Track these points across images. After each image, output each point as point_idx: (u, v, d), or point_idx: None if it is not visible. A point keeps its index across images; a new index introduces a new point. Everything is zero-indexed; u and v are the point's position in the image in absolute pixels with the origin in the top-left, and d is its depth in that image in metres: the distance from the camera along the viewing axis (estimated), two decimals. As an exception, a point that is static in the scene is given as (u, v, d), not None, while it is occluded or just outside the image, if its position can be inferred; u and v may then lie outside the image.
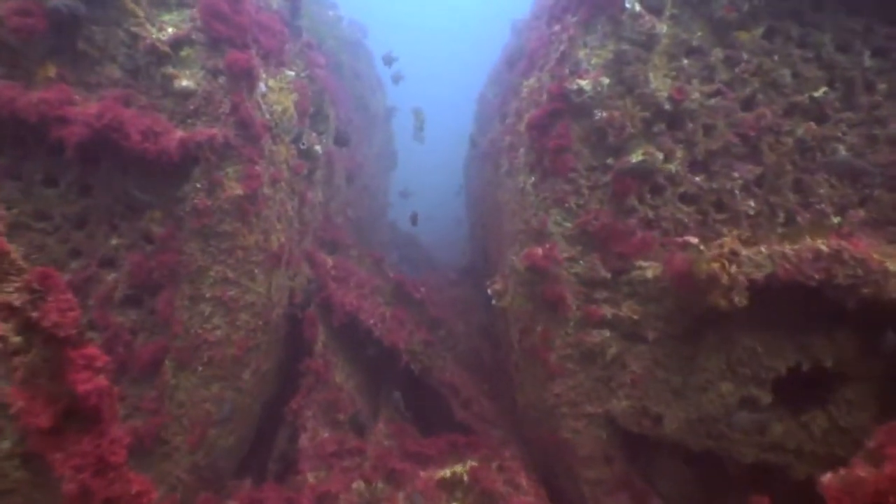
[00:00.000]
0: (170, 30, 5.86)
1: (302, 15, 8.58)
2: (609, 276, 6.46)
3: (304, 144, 7.93)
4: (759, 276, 5.41)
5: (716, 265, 5.54)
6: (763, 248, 5.47)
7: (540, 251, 6.58)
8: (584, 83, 6.29)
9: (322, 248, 8.71)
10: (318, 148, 8.14)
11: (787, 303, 5.70)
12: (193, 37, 6.01)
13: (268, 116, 6.70)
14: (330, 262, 8.46)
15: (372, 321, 8.07)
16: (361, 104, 14.86)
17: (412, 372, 8.15)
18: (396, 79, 14.98)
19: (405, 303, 8.99)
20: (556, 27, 7.52)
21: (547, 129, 6.68)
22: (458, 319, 10.41)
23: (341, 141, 8.31)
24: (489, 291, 7.61)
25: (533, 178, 6.82)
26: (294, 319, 7.78)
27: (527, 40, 10.97)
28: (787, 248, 5.38)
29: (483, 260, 11.79)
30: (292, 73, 7.52)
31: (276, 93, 6.96)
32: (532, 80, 7.63)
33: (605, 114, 6.30)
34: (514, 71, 10.06)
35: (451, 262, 19.43)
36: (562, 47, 7.03)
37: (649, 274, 6.28)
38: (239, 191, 6.22)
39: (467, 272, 13.52)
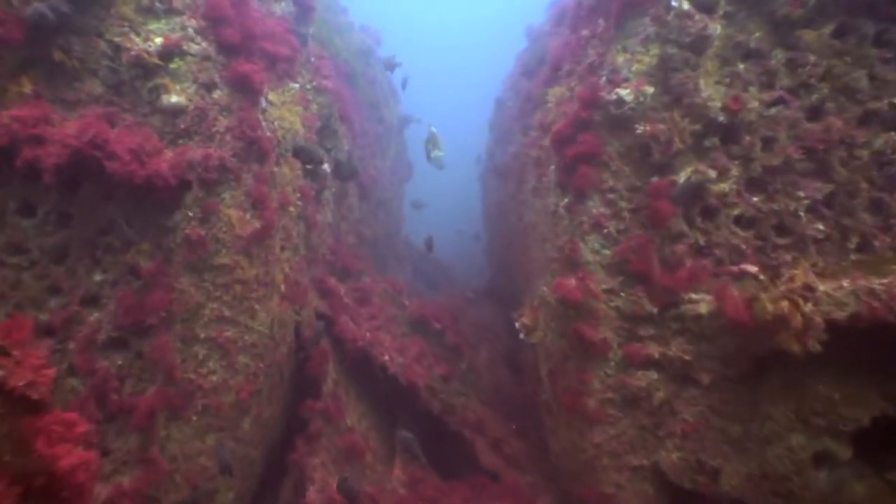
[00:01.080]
0: (157, 40, 5.24)
1: (308, 21, 7.96)
2: (655, 310, 5.76)
3: (310, 163, 7.29)
4: (840, 315, 4.67)
5: (785, 304, 4.81)
6: (845, 283, 4.71)
7: (573, 282, 5.88)
8: (625, 93, 5.60)
9: (332, 276, 8.05)
10: (326, 166, 7.49)
11: (871, 343, 4.95)
12: (185, 47, 5.39)
13: (269, 134, 6.05)
14: (340, 291, 7.80)
15: (387, 357, 7.39)
16: (375, 114, 14.23)
17: (431, 410, 7.44)
18: (404, 83, 14.21)
19: (423, 332, 8.30)
20: (585, 31, 6.85)
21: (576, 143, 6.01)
22: (479, 346, 9.72)
23: (346, 173, 7.48)
24: (517, 324, 6.91)
25: (566, 200, 6.12)
26: (301, 356, 7.11)
27: (547, 46, 10.31)
28: (876, 283, 4.61)
29: (507, 280, 11.09)
30: (296, 86, 6.89)
31: (278, 108, 6.33)
32: (559, 89, 6.95)
33: (648, 127, 5.61)
34: (535, 79, 9.38)
35: (468, 277, 18.78)
36: (594, 52, 6.36)
37: (702, 309, 5.56)
38: (237, 219, 5.56)
39: (488, 292, 12.82)
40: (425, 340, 8.20)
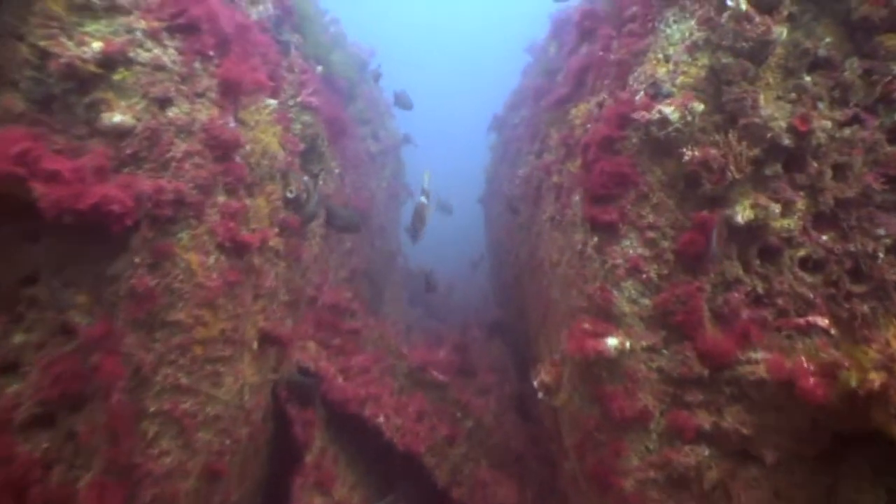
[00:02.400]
0: (96, 44, 4.29)
1: (293, 27, 7.06)
2: (705, 372, 4.80)
3: (291, 192, 6.36)
4: (958, 392, 3.72)
5: (881, 377, 3.87)
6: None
7: (606, 338, 4.94)
8: (670, 110, 4.68)
9: (318, 322, 7.08)
10: (310, 204, 6.56)
11: None
12: (132, 54, 4.45)
13: (240, 160, 5.12)
14: (328, 340, 6.84)
15: (382, 418, 6.42)
16: (371, 133, 13.35)
17: (435, 482, 6.46)
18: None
19: (424, 385, 7.33)
20: (611, 37, 5.97)
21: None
22: (487, 392, 8.74)
23: (341, 224, 6.43)
24: (535, 383, 5.94)
25: (596, 239, 5.18)
26: (281, 418, 6.14)
27: (554, 59, 9.43)
28: None
29: (516, 317, 10.12)
30: (274, 102, 5.96)
31: (251, 128, 5.40)
32: (587, 106, 6.03)
33: (697, 152, 4.67)
34: (549, 97, 8.49)
35: (468, 299, 17.80)
36: (626, 62, 5.46)
37: (764, 371, 4.60)
38: (198, 264, 4.61)
39: (493, 325, 11.83)
40: (426, 395, 7.22)
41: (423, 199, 6.53)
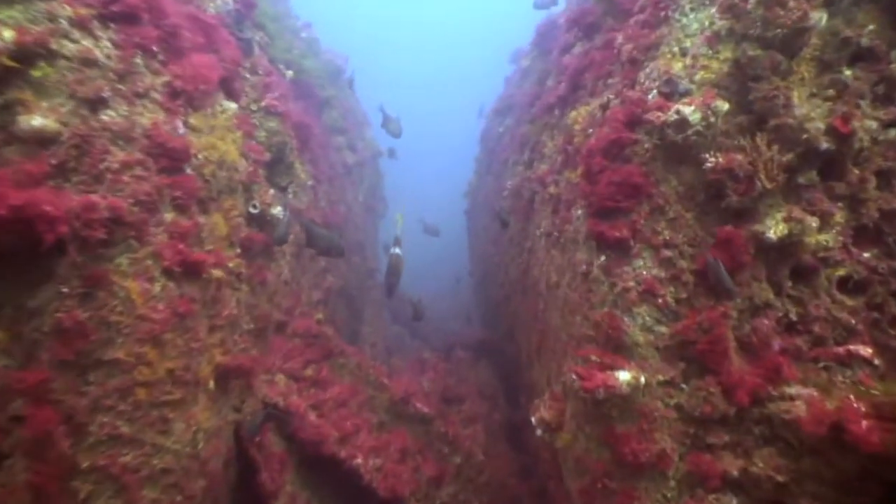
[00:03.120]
0: (7, 34, 3.60)
1: (255, 25, 6.41)
2: (732, 410, 4.19)
3: (255, 207, 5.69)
4: None
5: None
6: None
7: (617, 372, 4.32)
8: (689, 110, 4.09)
9: (289, 350, 6.38)
10: (277, 211, 5.89)
11: None
12: (55, 46, 3.77)
13: (190, 172, 4.45)
14: (299, 372, 6.15)
15: (359, 458, 5.74)
16: (347, 144, 12.68)
17: (420, 530, 5.78)
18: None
19: (407, 420, 6.66)
20: (618, 36, 5.39)
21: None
22: (475, 421, 8.09)
23: (324, 246, 5.63)
24: (533, 419, 5.29)
25: (603, 258, 4.56)
26: (246, 463, 5.44)
27: (549, 62, 8.86)
28: None
29: (505, 339, 9.48)
30: (234, 106, 5.30)
31: (205, 134, 4.73)
32: (587, 109, 5.44)
33: (721, 158, 4.09)
34: (541, 102, 7.90)
35: (452, 315, 17.12)
36: (636, 56, 4.88)
37: (800, 409, 4.01)
38: (139, 294, 3.93)
39: (481, 348, 11.16)
40: (410, 429, 6.56)
41: (396, 250, 5.85)
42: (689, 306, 4.29)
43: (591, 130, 5.13)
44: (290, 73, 8.55)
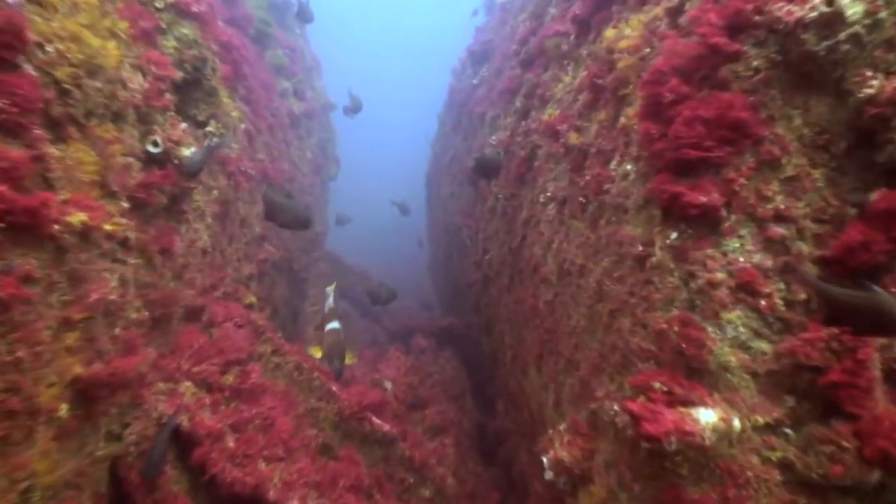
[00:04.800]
0: None
1: None
2: (874, 475, 2.79)
3: (155, 145, 4.04)
4: None
5: None
6: None
7: (691, 415, 2.88)
8: (846, 2, 2.61)
9: (202, 347, 4.72)
10: (189, 152, 4.24)
11: None
12: None
13: (32, 73, 2.78)
14: (211, 378, 4.54)
15: (295, 502, 4.18)
16: (294, 91, 10.93)
17: None
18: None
19: (360, 440, 5.13)
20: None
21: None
22: (445, 431, 6.63)
23: (288, 219, 4.31)
24: (544, 459, 3.81)
25: (675, 236, 3.07)
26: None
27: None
28: None
29: (484, 331, 7.98)
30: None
31: (58, 14, 3.04)
32: (640, 19, 3.91)
33: (886, 82, 2.62)
34: (541, 34, 6.35)
35: (409, 291, 15.58)
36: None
37: None
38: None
39: (445, 335, 9.67)
40: (364, 453, 5.04)
41: (334, 325, 4.46)
42: (807, 313, 2.85)
43: (648, 50, 3.60)
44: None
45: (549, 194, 5.01)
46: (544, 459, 3.79)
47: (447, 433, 6.68)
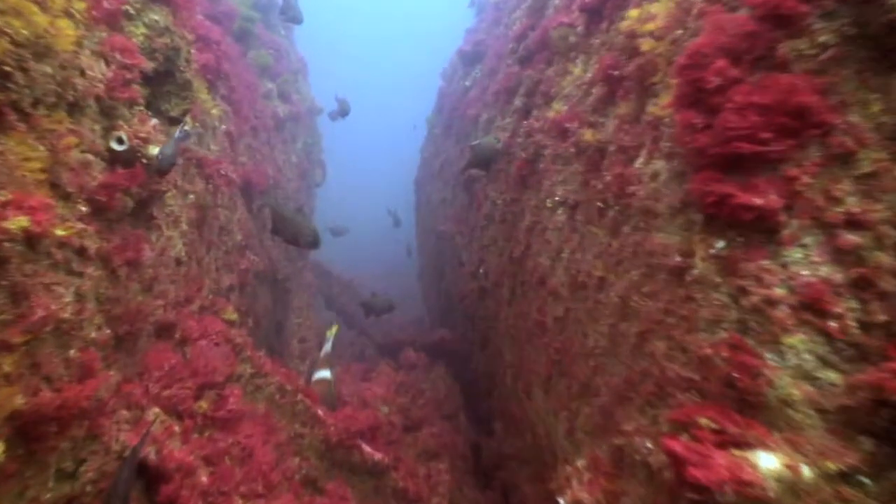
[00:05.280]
0: None
1: None
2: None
3: (120, 142, 3.55)
4: None
5: None
6: None
7: (748, 461, 2.43)
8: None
9: (173, 369, 4.21)
10: (157, 150, 3.74)
11: None
12: None
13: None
14: (184, 403, 4.03)
15: (277, 547, 3.69)
16: (278, 93, 10.44)
17: None
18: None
19: (348, 470, 4.63)
20: None
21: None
22: (439, 460, 6.14)
23: (295, 233, 4.17)
24: (561, 502, 3.33)
25: (722, 245, 2.63)
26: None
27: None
28: None
29: (480, 346, 7.50)
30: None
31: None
32: None
33: None
34: (544, 25, 5.92)
35: (399, 309, 15.09)
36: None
37: None
38: None
39: (436, 350, 9.18)
40: (354, 485, 4.54)
41: (325, 374, 4.17)
42: (889, 337, 2.40)
43: (681, 32, 3.15)
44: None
45: (557, 198, 4.56)
46: (561, 501, 3.32)
47: (441, 458, 6.19)
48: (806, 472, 2.36)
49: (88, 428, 3.41)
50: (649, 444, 2.81)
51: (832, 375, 2.44)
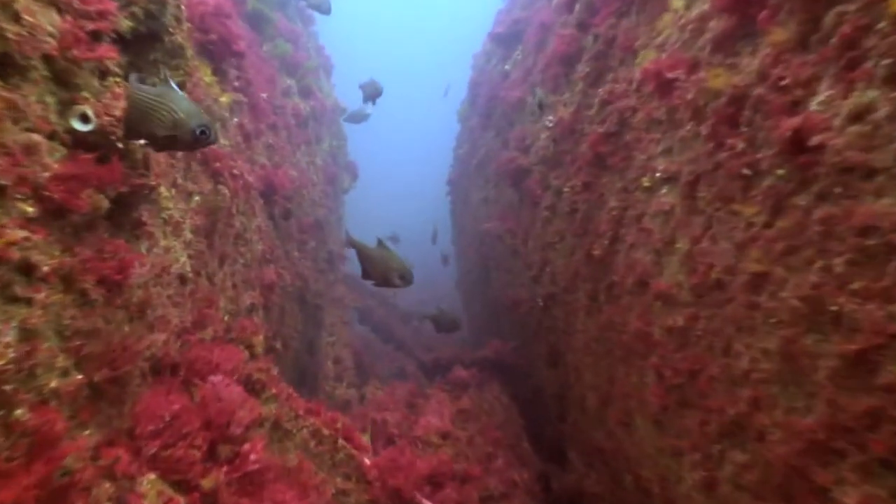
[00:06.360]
0: None
1: None
2: None
3: (86, 120, 2.64)
4: None
5: None
6: None
7: None
8: None
9: (171, 420, 3.27)
10: (194, 122, 2.80)
11: None
12: None
13: None
14: (189, 468, 3.08)
15: None
16: (299, 88, 9.55)
17: None
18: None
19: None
20: None
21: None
22: (510, 497, 5.17)
23: (377, 270, 3.77)
24: None
25: None
26: None
27: None
28: None
29: (547, 364, 6.49)
30: None
31: None
32: None
33: None
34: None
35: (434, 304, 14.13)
36: None
37: None
38: None
39: (488, 365, 8.17)
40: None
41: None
42: None
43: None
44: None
45: (659, 175, 3.54)
46: None
47: (510, 499, 5.21)
48: None
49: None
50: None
51: None
